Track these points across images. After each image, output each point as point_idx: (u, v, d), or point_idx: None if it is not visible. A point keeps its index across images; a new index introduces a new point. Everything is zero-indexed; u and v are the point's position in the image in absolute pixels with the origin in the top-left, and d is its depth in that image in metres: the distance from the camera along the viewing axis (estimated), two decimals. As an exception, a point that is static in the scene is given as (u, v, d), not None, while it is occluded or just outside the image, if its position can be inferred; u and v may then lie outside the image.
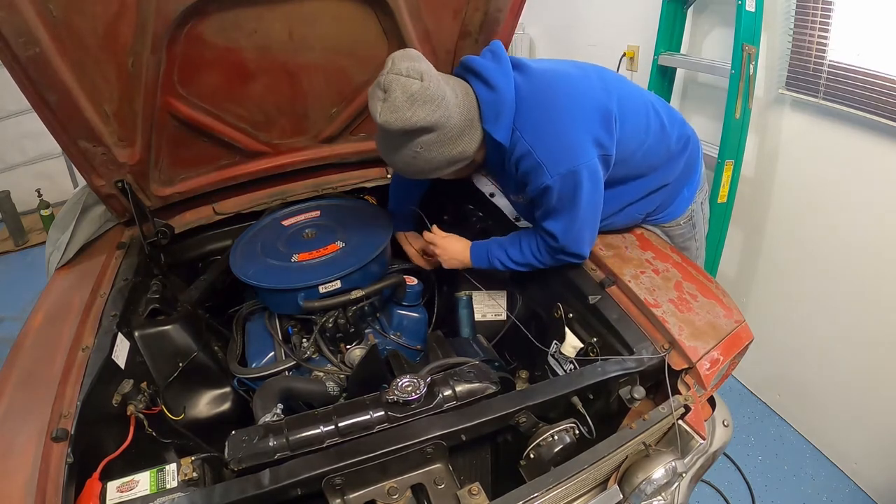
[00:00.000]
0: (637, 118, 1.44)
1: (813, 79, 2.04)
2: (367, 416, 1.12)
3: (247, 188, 1.90)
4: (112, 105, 1.45)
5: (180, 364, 1.46)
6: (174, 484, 1.06)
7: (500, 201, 1.88)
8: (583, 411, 1.23)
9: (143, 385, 1.33)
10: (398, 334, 1.69)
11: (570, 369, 1.45)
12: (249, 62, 1.56)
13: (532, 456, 1.15)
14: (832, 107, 2.00)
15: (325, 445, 1.08)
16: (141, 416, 1.26)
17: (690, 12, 2.48)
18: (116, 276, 1.52)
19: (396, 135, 1.26)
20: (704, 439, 1.23)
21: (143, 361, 1.41)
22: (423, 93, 1.22)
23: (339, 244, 1.63)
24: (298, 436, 1.09)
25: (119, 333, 1.34)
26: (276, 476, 0.99)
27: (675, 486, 1.25)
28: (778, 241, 2.40)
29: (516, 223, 1.76)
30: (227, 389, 1.55)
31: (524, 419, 1.17)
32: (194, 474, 1.08)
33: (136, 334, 1.42)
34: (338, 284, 1.51)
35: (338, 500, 1.05)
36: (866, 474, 2.25)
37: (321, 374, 1.52)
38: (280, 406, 1.28)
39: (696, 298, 1.39)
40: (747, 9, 2.04)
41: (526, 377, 1.60)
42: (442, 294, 1.84)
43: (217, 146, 1.74)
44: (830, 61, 1.98)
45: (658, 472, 1.15)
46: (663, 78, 2.58)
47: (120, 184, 1.58)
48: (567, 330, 1.45)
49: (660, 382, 1.27)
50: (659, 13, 2.47)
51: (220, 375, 1.55)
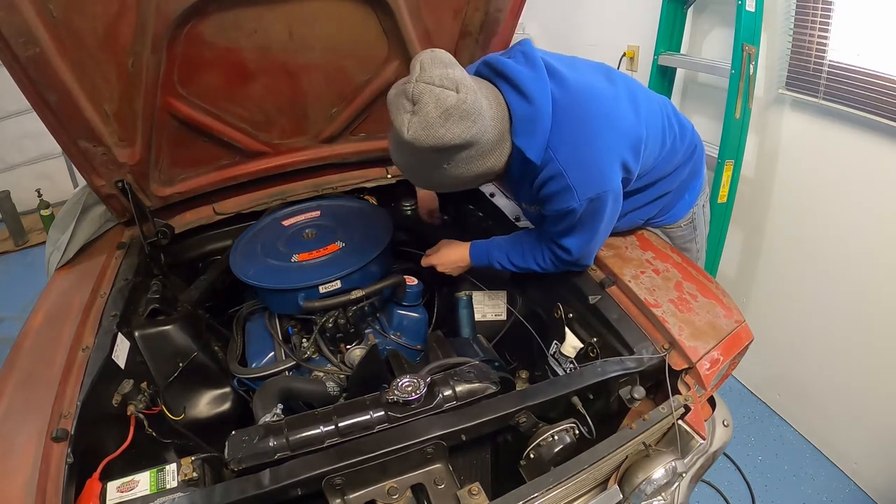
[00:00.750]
0: (657, 138, 1.40)
1: (813, 79, 2.04)
2: (367, 416, 1.12)
3: (247, 188, 1.90)
4: (112, 105, 1.45)
5: (180, 364, 1.46)
6: (174, 484, 1.06)
7: (500, 201, 1.88)
8: (583, 411, 1.23)
9: (143, 385, 1.33)
10: (398, 334, 1.69)
11: (570, 369, 1.45)
12: (249, 62, 1.56)
13: (532, 456, 1.15)
14: (832, 107, 2.00)
15: (325, 445, 1.08)
16: (141, 416, 1.26)
17: (690, 12, 2.48)
18: (116, 276, 1.52)
19: (424, 151, 1.12)
20: (704, 439, 1.23)
21: (143, 361, 1.41)
22: (459, 107, 1.07)
23: (339, 244, 1.63)
24: (298, 436, 1.09)
25: (119, 333, 1.34)
26: (276, 476, 0.99)
27: (675, 486, 1.25)
28: (778, 241, 2.40)
29: (516, 223, 1.77)
30: (227, 389, 1.55)
31: (524, 419, 1.17)
32: (194, 474, 1.08)
33: (137, 334, 1.42)
34: (338, 284, 1.51)
35: (338, 500, 1.05)
36: (866, 474, 2.25)
37: (321, 374, 1.52)
38: (280, 406, 1.28)
39: (696, 298, 1.39)
40: (747, 9, 2.04)
41: (526, 377, 1.60)
42: (442, 294, 1.84)
43: (217, 146, 1.74)
44: (830, 61, 1.98)
45: (658, 472, 1.15)
46: (663, 78, 2.58)
47: (120, 184, 1.58)
48: (567, 330, 1.45)
49: (660, 382, 1.27)
50: (659, 13, 2.47)
51: (220, 375, 1.55)
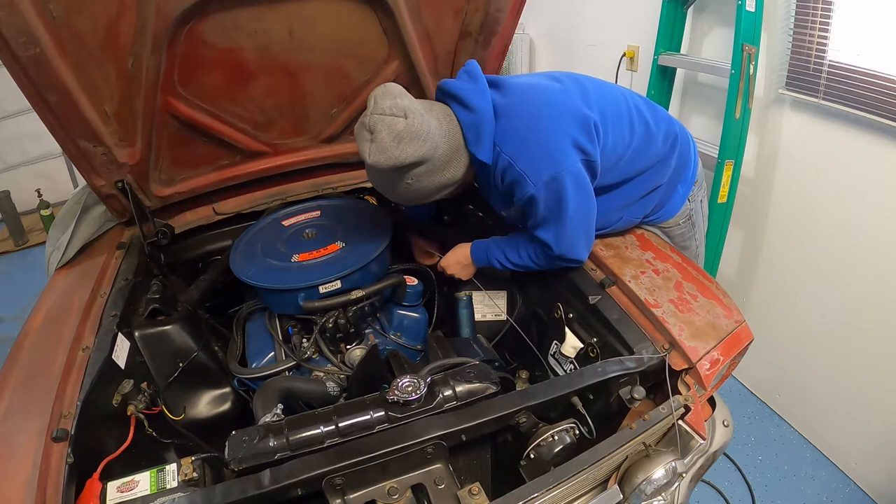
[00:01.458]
0: (620, 124, 1.44)
1: (813, 79, 2.04)
2: (368, 417, 1.12)
3: (247, 188, 1.90)
4: (112, 105, 1.45)
5: (180, 364, 1.46)
6: (174, 484, 1.07)
7: (500, 201, 1.88)
8: (583, 411, 1.24)
9: (144, 385, 1.33)
10: (398, 334, 1.69)
11: (571, 369, 1.45)
12: (249, 62, 1.56)
13: (532, 456, 1.15)
14: (832, 107, 2.00)
15: (325, 445, 1.08)
16: (141, 416, 1.26)
17: (690, 12, 2.48)
18: (116, 276, 1.52)
19: (387, 171, 1.30)
20: (704, 439, 1.23)
21: (143, 361, 1.41)
22: (408, 130, 1.25)
23: (340, 244, 1.63)
24: (298, 436, 1.09)
25: (119, 333, 1.34)
26: (277, 476, 0.99)
27: (675, 486, 1.25)
28: (778, 241, 2.40)
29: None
30: (227, 389, 1.55)
31: (524, 419, 1.17)
32: (194, 474, 1.08)
33: (137, 334, 1.42)
34: (338, 285, 1.51)
35: (338, 500, 1.05)
36: (866, 474, 2.25)
37: (321, 374, 1.52)
38: (280, 406, 1.28)
39: (696, 298, 1.39)
40: (747, 9, 2.04)
41: (526, 377, 1.60)
42: (442, 294, 1.84)
43: (217, 146, 1.74)
44: (830, 61, 1.98)
45: (658, 473, 1.15)
46: (663, 78, 2.58)
47: (120, 184, 1.58)
48: (567, 330, 1.45)
49: (660, 382, 1.27)
50: (659, 13, 2.47)
51: (220, 375, 1.55)
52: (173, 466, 1.09)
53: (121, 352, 1.32)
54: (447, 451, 1.11)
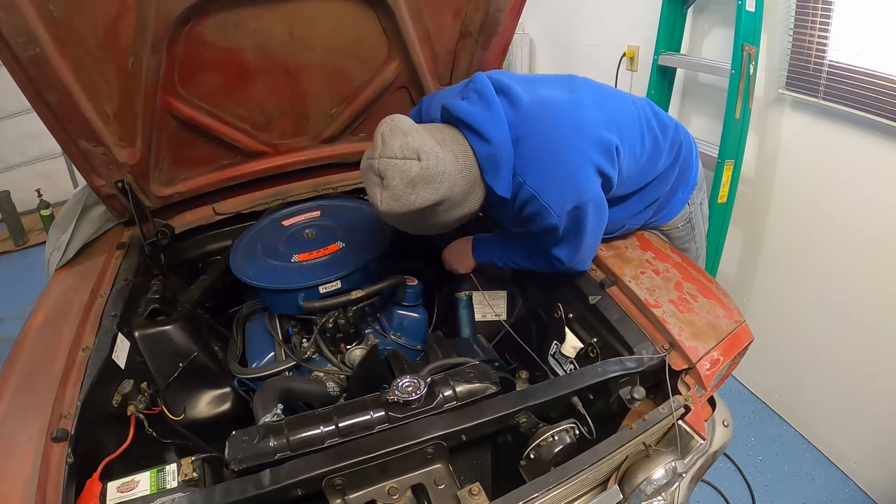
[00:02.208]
0: (633, 141, 1.39)
1: (813, 79, 2.04)
2: (368, 417, 1.12)
3: (247, 188, 1.90)
4: (112, 105, 1.45)
5: (180, 364, 1.46)
6: (174, 484, 1.07)
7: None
8: (583, 411, 1.24)
9: (144, 385, 1.33)
10: (398, 334, 1.69)
11: (571, 369, 1.45)
12: (250, 62, 1.56)
13: (532, 456, 1.15)
14: (832, 107, 2.00)
15: (325, 445, 1.08)
16: (141, 416, 1.26)
17: (690, 12, 2.48)
18: (116, 277, 1.52)
19: (402, 215, 1.20)
20: (704, 439, 1.23)
21: (143, 361, 1.41)
22: (423, 174, 1.14)
23: (340, 244, 1.63)
24: (299, 436, 1.09)
25: (119, 333, 1.34)
26: (277, 476, 0.99)
27: (675, 486, 1.25)
28: (778, 241, 2.40)
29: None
30: (227, 389, 1.55)
31: (524, 419, 1.17)
32: (194, 474, 1.08)
33: (137, 334, 1.42)
34: (338, 285, 1.51)
35: (338, 501, 1.06)
36: (866, 474, 2.25)
37: (321, 374, 1.52)
38: (280, 406, 1.28)
39: (696, 299, 1.39)
40: (747, 9, 2.04)
41: (526, 377, 1.60)
42: (442, 294, 1.84)
43: (217, 146, 1.74)
44: (830, 61, 1.98)
45: (658, 473, 1.15)
46: (663, 78, 2.58)
47: (120, 184, 1.58)
48: (567, 330, 1.45)
49: (660, 383, 1.27)
50: (659, 13, 2.47)
51: (220, 375, 1.55)
52: (173, 466, 1.09)
53: (121, 352, 1.32)
54: (447, 451, 1.11)
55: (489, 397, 1.17)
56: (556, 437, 1.14)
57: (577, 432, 1.18)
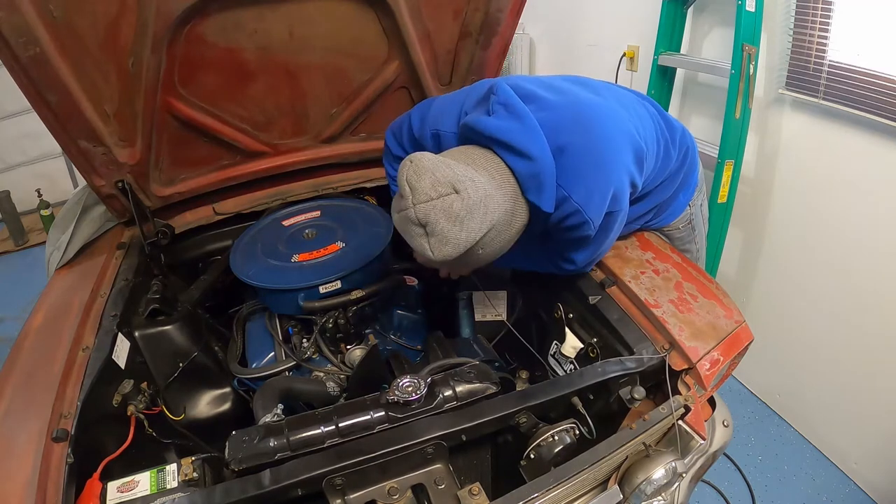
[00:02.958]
0: (653, 147, 1.36)
1: (813, 79, 2.04)
2: (368, 417, 1.12)
3: (247, 188, 1.89)
4: (112, 105, 1.45)
5: (180, 364, 1.46)
6: (174, 484, 1.07)
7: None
8: (583, 411, 1.24)
9: (144, 385, 1.33)
10: (398, 334, 1.69)
11: (571, 369, 1.45)
12: (250, 62, 1.56)
13: (532, 456, 1.15)
14: (832, 107, 2.00)
15: (325, 446, 1.08)
16: (141, 416, 1.26)
17: (690, 12, 2.48)
18: (116, 277, 1.52)
19: (457, 256, 1.11)
20: (704, 439, 1.23)
21: (143, 361, 1.41)
22: (466, 206, 1.05)
23: (340, 244, 1.63)
24: (299, 436, 1.09)
25: (119, 333, 1.34)
26: (277, 476, 0.99)
27: (675, 486, 1.25)
28: (778, 241, 2.40)
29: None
30: (227, 389, 1.55)
31: (524, 419, 1.17)
32: (194, 474, 1.08)
33: (137, 334, 1.42)
34: (338, 285, 1.51)
35: (338, 501, 1.05)
36: (866, 474, 2.25)
37: (321, 374, 1.52)
38: (280, 406, 1.28)
39: (696, 299, 1.39)
40: (747, 9, 2.04)
41: (526, 377, 1.60)
42: (442, 294, 1.84)
43: (217, 146, 1.74)
44: (830, 61, 1.98)
45: (658, 473, 1.15)
46: (663, 78, 2.58)
47: (120, 184, 1.58)
48: (567, 330, 1.45)
49: (660, 383, 1.27)
50: (659, 13, 2.47)
51: (220, 375, 1.55)
52: (173, 466, 1.09)
53: (121, 352, 1.32)
54: (447, 451, 1.11)
55: (489, 397, 1.17)
56: (556, 437, 1.14)
57: (577, 432, 1.18)
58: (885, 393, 2.09)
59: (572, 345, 1.43)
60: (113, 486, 1.05)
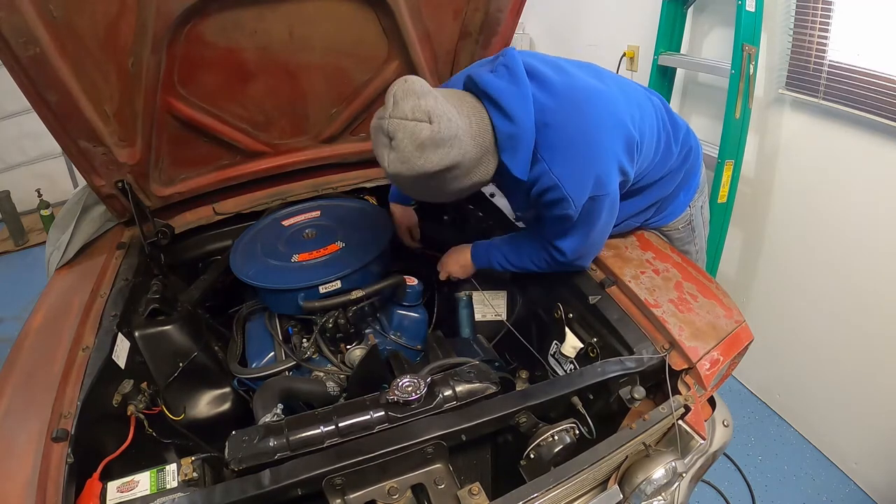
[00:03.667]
0: (652, 139, 1.39)
1: (813, 79, 2.04)
2: (368, 417, 1.12)
3: (247, 188, 1.89)
4: (112, 105, 1.45)
5: (180, 364, 1.46)
6: (174, 484, 1.07)
7: (500, 201, 1.88)
8: (583, 411, 1.24)
9: (144, 385, 1.33)
10: (398, 334, 1.69)
11: (571, 369, 1.45)
12: (250, 62, 1.56)
13: (532, 456, 1.15)
14: (832, 107, 2.00)
15: (325, 445, 1.08)
16: (141, 416, 1.26)
17: (690, 12, 2.48)
18: (116, 277, 1.52)
19: (408, 178, 1.16)
20: (704, 439, 1.23)
21: (143, 361, 1.41)
22: (433, 138, 1.10)
23: (339, 244, 1.63)
24: (298, 436, 1.09)
25: (119, 333, 1.34)
26: (277, 476, 0.99)
27: (675, 486, 1.25)
28: (778, 241, 2.40)
29: (516, 223, 1.77)
30: (227, 389, 1.55)
31: (524, 419, 1.17)
32: (194, 474, 1.08)
33: (137, 334, 1.42)
34: (338, 285, 1.51)
35: (338, 501, 1.06)
36: (866, 474, 2.25)
37: (321, 374, 1.52)
38: (280, 406, 1.28)
39: (696, 299, 1.39)
40: (747, 9, 2.04)
41: (526, 377, 1.60)
42: (442, 294, 1.84)
43: (217, 146, 1.74)
44: (830, 61, 1.98)
45: (658, 473, 1.15)
46: (663, 78, 2.58)
47: (120, 184, 1.58)
48: (567, 330, 1.45)
49: (660, 383, 1.27)
50: (659, 13, 2.47)
51: (220, 375, 1.55)
52: (173, 466, 1.09)
53: (121, 352, 1.32)
54: (447, 451, 1.11)
55: (489, 397, 1.17)
56: (556, 437, 1.14)
57: (577, 432, 1.18)
58: (885, 393, 2.09)
59: (572, 345, 1.43)
60: (113, 485, 1.05)
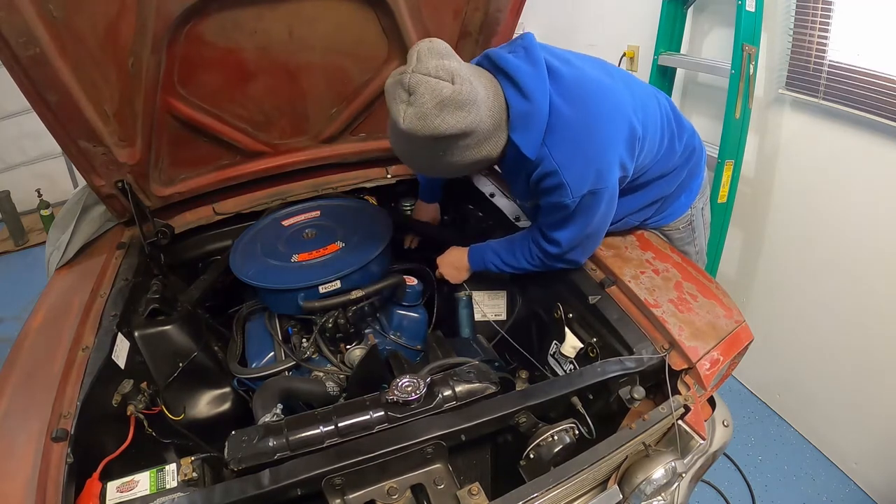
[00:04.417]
0: (655, 136, 1.39)
1: (813, 79, 2.04)
2: (367, 417, 1.12)
3: (247, 188, 1.89)
4: (112, 105, 1.45)
5: (180, 364, 1.46)
6: (174, 484, 1.07)
7: (500, 201, 1.88)
8: (583, 411, 1.24)
9: (143, 385, 1.33)
10: (398, 334, 1.69)
11: (570, 369, 1.45)
12: (249, 62, 1.56)
13: (532, 456, 1.15)
14: (832, 107, 2.00)
15: (324, 445, 1.08)
16: (141, 416, 1.26)
17: (690, 12, 2.48)
18: (116, 277, 1.52)
19: (420, 140, 1.14)
20: (704, 439, 1.23)
21: (143, 361, 1.41)
22: (454, 98, 1.09)
23: (339, 244, 1.63)
24: (298, 436, 1.09)
25: (119, 333, 1.34)
26: (276, 476, 0.99)
27: (674, 486, 1.25)
28: (778, 241, 2.40)
29: (516, 223, 1.77)
30: (227, 389, 1.55)
31: (524, 419, 1.17)
32: (194, 474, 1.08)
33: (136, 334, 1.42)
34: (338, 285, 1.51)
35: (338, 501, 1.06)
36: (866, 474, 2.25)
37: (321, 374, 1.52)
38: (280, 406, 1.28)
39: (696, 298, 1.39)
40: (747, 9, 2.04)
41: (526, 377, 1.60)
42: (442, 294, 1.84)
43: (217, 146, 1.74)
44: (830, 61, 1.98)
45: (658, 473, 1.15)
46: (663, 78, 2.58)
47: (120, 184, 1.58)
48: (567, 330, 1.45)
49: (660, 383, 1.27)
50: (659, 13, 2.47)
51: (220, 375, 1.55)
52: (173, 466, 1.09)
53: (121, 352, 1.32)
54: (447, 451, 1.11)
55: (489, 397, 1.17)
56: (556, 437, 1.14)
57: (577, 432, 1.18)
58: (885, 393, 2.09)
59: (572, 344, 1.43)
60: (112, 485, 1.05)
